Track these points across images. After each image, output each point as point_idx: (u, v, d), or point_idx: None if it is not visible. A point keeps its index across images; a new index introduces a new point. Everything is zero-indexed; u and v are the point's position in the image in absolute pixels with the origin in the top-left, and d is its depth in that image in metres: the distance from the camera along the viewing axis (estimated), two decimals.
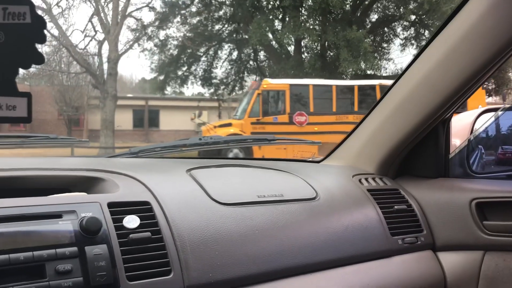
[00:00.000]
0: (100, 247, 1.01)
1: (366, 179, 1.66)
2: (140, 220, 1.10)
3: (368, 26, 17.62)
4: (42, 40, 0.79)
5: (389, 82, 15.50)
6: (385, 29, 18.84)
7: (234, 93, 21.48)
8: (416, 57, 1.58)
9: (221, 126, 14.86)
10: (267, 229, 1.26)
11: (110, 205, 1.10)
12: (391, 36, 19.05)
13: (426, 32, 17.89)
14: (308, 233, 1.32)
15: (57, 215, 1.02)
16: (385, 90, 1.67)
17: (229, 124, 14.78)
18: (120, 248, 1.03)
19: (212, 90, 20.71)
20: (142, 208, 1.13)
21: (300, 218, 1.34)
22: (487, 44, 1.39)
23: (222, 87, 20.72)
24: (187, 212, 1.18)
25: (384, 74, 17.84)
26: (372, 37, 17.72)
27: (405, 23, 18.24)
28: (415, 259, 1.52)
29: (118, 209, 1.10)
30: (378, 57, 17.38)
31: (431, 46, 1.52)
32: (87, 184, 1.24)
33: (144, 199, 1.16)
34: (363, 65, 15.94)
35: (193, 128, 25.26)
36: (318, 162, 1.92)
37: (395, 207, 1.57)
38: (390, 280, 1.42)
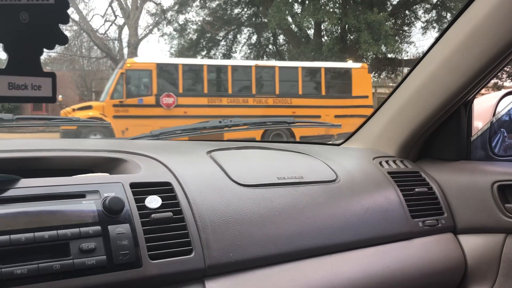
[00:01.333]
0: (123, 226, 1.02)
1: (387, 162, 1.66)
2: (162, 201, 1.11)
3: (389, 9, 17.37)
4: (66, 20, 0.80)
5: (265, 63, 15.17)
6: (406, 11, 18.56)
7: None
8: (438, 38, 1.56)
9: (80, 109, 13.56)
10: (286, 210, 1.26)
11: (132, 185, 1.11)
12: (412, 19, 18.78)
13: (448, 15, 17.59)
14: (328, 215, 1.32)
15: (81, 195, 1.04)
16: (261, 71, 1.66)
17: (89, 107, 13.72)
18: (143, 227, 1.05)
19: None
20: (163, 189, 1.14)
21: (320, 200, 1.34)
22: (510, 24, 1.37)
23: None
24: (208, 193, 1.19)
25: (405, 58, 17.63)
26: (393, 20, 17.48)
27: (426, 5, 17.96)
28: (435, 241, 1.51)
29: (140, 189, 1.11)
30: (399, 40, 17.15)
31: (453, 27, 1.49)
32: (109, 165, 1.26)
33: (166, 179, 1.17)
34: (383, 48, 15.75)
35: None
36: (338, 145, 1.91)
37: (416, 189, 1.56)
38: (410, 262, 1.42)
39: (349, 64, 15.53)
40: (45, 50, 0.79)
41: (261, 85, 14.25)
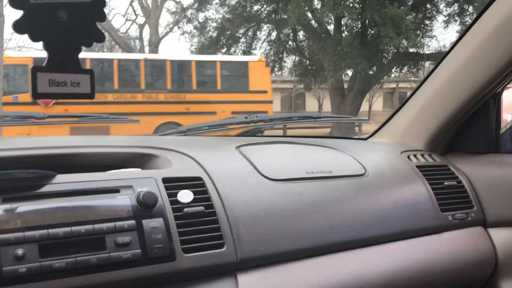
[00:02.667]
0: (157, 220, 1.03)
1: (415, 156, 1.65)
2: (194, 195, 1.12)
3: (410, 3, 17.18)
4: (102, 18, 0.81)
5: (154, 56, 14.33)
6: (428, 5, 18.34)
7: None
8: (466, 31, 1.54)
9: None
10: (316, 204, 1.27)
11: (165, 180, 1.12)
12: (434, 13, 18.53)
13: (470, 8, 17.34)
14: (357, 209, 1.32)
15: (115, 190, 1.06)
16: (150, 64, 1.61)
17: None
18: (175, 221, 1.06)
19: None
20: (195, 183, 1.16)
21: (349, 194, 1.34)
22: None
23: None
24: (238, 188, 1.20)
25: (427, 52, 17.42)
26: (414, 14, 17.29)
27: None
28: (465, 235, 1.50)
29: (172, 184, 1.13)
30: (420, 34, 16.96)
31: (481, 19, 1.48)
32: (141, 160, 1.27)
33: (197, 174, 1.18)
34: (405, 43, 15.57)
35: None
36: (365, 139, 1.91)
37: (445, 183, 1.55)
38: (440, 256, 1.41)
39: (246, 57, 15.00)
40: (82, 47, 0.80)
41: (151, 80, 13.46)
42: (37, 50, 13.36)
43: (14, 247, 0.90)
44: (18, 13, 0.73)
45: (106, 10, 0.88)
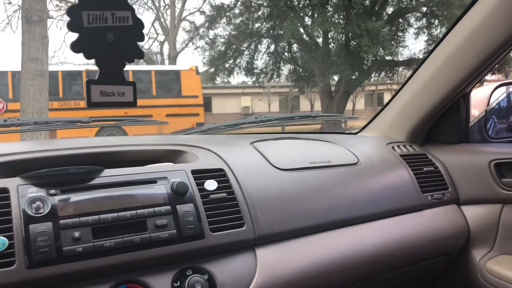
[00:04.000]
0: (188, 205, 1.04)
1: (398, 146, 1.64)
2: (217, 184, 1.12)
3: (385, 18, 17.07)
4: (142, 38, 0.81)
5: (93, 67, 13.95)
6: (400, 20, 18.22)
7: (272, 81, 21.32)
8: (440, 40, 1.53)
9: None
10: (318, 189, 1.27)
11: (193, 172, 1.12)
12: (406, 26, 18.41)
13: (436, 21, 17.22)
14: (353, 192, 1.32)
15: (153, 181, 1.06)
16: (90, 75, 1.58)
17: None
18: (203, 206, 1.06)
19: (254, 79, 20.56)
20: (218, 174, 1.15)
21: (346, 180, 1.34)
22: (503, 28, 1.34)
23: (262, 76, 20.54)
24: (254, 177, 1.20)
25: (400, 59, 17.33)
26: (389, 27, 17.18)
27: (417, 14, 17.61)
28: (442, 212, 1.50)
29: (200, 175, 1.12)
30: (395, 44, 16.86)
31: (453, 31, 1.47)
32: (172, 156, 1.27)
33: (219, 166, 1.18)
34: (382, 51, 15.50)
35: (239, 111, 25.34)
36: (355, 133, 1.90)
37: (424, 169, 1.55)
38: (422, 230, 1.41)
39: (179, 66, 14.39)
40: (126, 63, 0.80)
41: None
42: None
43: (71, 231, 0.90)
44: (74, 36, 0.73)
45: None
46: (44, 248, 0.86)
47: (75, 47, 0.73)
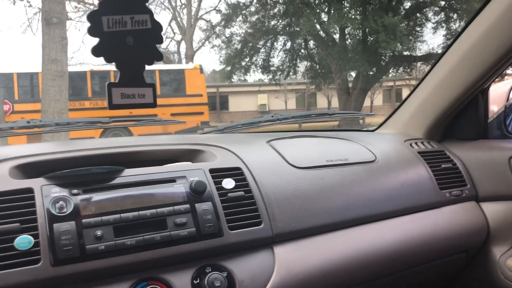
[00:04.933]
0: (206, 204, 1.05)
1: (416, 143, 1.63)
2: (235, 182, 1.13)
3: (402, 13, 16.87)
4: (160, 41, 0.82)
5: (100, 68, 12.83)
6: (418, 14, 17.98)
7: (289, 78, 21.28)
8: (458, 36, 1.52)
9: None
10: (336, 187, 1.27)
11: (211, 171, 1.14)
12: (423, 21, 18.17)
13: (455, 15, 16.94)
14: (370, 190, 1.32)
15: (172, 180, 1.07)
16: (97, 75, 1.57)
17: None
18: (222, 204, 1.07)
19: (270, 76, 20.54)
20: (235, 173, 1.17)
21: (363, 178, 1.34)
22: None
23: (278, 73, 20.51)
24: (271, 175, 1.21)
25: (418, 54, 17.11)
26: (406, 22, 16.97)
27: (435, 8, 17.35)
28: (461, 208, 1.49)
29: (217, 174, 1.14)
30: (412, 39, 16.65)
31: (472, 25, 1.45)
32: (190, 155, 1.29)
33: (237, 165, 1.19)
34: (399, 47, 15.32)
35: (256, 108, 25.35)
36: (373, 131, 1.89)
37: (442, 165, 1.53)
38: (441, 226, 1.40)
39: (183, 65, 14.22)
40: (146, 65, 0.82)
41: (98, 89, 12.74)
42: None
43: (94, 229, 0.93)
44: (94, 40, 0.75)
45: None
46: (68, 247, 0.89)
47: (96, 51, 0.75)
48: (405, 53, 16.23)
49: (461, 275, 1.61)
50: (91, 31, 0.75)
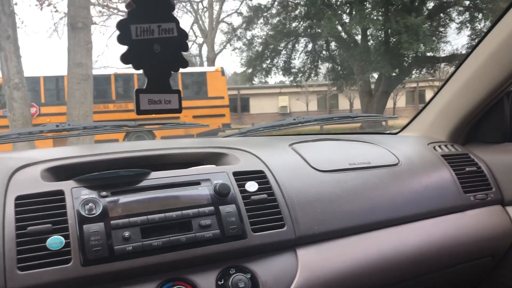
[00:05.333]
0: (230, 206, 1.07)
1: (440, 146, 1.62)
2: (258, 185, 1.15)
3: (425, 13, 16.65)
4: (186, 48, 0.85)
5: (124, 71, 12.89)
6: (441, 14, 17.71)
7: (310, 79, 21.23)
8: (482, 38, 1.50)
9: None
10: (358, 190, 1.27)
11: (235, 173, 1.15)
12: (447, 21, 17.89)
13: (480, 15, 16.62)
14: (393, 193, 1.32)
15: (197, 183, 1.10)
16: (120, 78, 1.55)
17: None
18: (245, 207, 1.09)
19: (291, 78, 20.54)
20: (258, 176, 1.18)
21: (386, 181, 1.34)
22: None
23: (299, 75, 20.49)
24: (293, 178, 1.22)
25: (442, 55, 16.85)
26: (429, 23, 16.74)
27: (459, 8, 17.07)
28: (486, 212, 1.47)
29: (241, 176, 1.15)
30: (436, 40, 16.41)
31: (498, 25, 1.43)
32: (214, 158, 1.31)
33: (260, 168, 1.21)
34: (422, 48, 15.12)
35: (277, 110, 25.35)
36: (396, 133, 1.88)
37: (466, 169, 1.52)
38: (465, 231, 1.39)
39: (205, 68, 14.24)
40: (172, 72, 0.84)
41: (122, 91, 13.05)
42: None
43: (122, 230, 0.95)
44: (123, 48, 0.78)
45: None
46: (97, 247, 0.92)
47: (125, 59, 0.78)
48: (428, 54, 16.02)
49: (487, 280, 1.59)
50: (121, 39, 0.77)
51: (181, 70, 0.85)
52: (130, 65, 0.79)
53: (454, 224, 1.39)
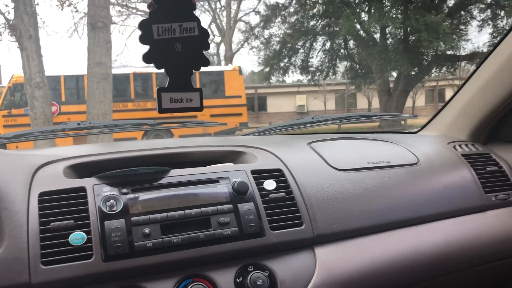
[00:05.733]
0: (248, 204, 1.08)
1: (460, 146, 1.60)
2: (276, 183, 1.15)
3: (445, 11, 16.39)
4: (207, 47, 0.86)
5: (143, 70, 12.96)
6: (462, 12, 17.42)
7: (328, 78, 21.11)
8: (503, 37, 1.48)
9: None
10: (377, 189, 1.27)
11: (253, 172, 1.16)
12: (468, 19, 17.59)
13: (502, 13, 16.30)
14: (413, 193, 1.31)
15: (216, 180, 1.11)
16: (139, 77, 1.54)
17: None
18: (263, 205, 1.09)
19: (309, 77, 20.42)
20: (276, 174, 1.19)
21: (405, 180, 1.33)
22: None
23: (317, 74, 20.37)
24: (312, 177, 1.22)
25: (462, 53, 16.57)
26: (449, 20, 16.48)
27: (481, 5, 16.76)
28: (508, 213, 1.45)
29: (259, 175, 1.16)
30: (456, 38, 16.15)
31: None
32: (233, 156, 1.32)
33: (278, 167, 1.21)
34: (442, 46, 14.90)
35: (294, 109, 25.28)
36: (415, 133, 1.87)
37: (487, 168, 1.50)
38: (485, 231, 1.37)
39: (222, 67, 14.12)
40: (193, 70, 0.85)
41: (141, 90, 13.23)
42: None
43: (142, 227, 0.97)
44: (145, 48, 0.79)
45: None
46: (118, 243, 0.94)
47: (147, 58, 0.79)
48: (448, 52, 15.76)
49: (510, 281, 1.57)
50: (142, 39, 0.79)
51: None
52: (152, 64, 0.80)
53: (475, 224, 1.37)
